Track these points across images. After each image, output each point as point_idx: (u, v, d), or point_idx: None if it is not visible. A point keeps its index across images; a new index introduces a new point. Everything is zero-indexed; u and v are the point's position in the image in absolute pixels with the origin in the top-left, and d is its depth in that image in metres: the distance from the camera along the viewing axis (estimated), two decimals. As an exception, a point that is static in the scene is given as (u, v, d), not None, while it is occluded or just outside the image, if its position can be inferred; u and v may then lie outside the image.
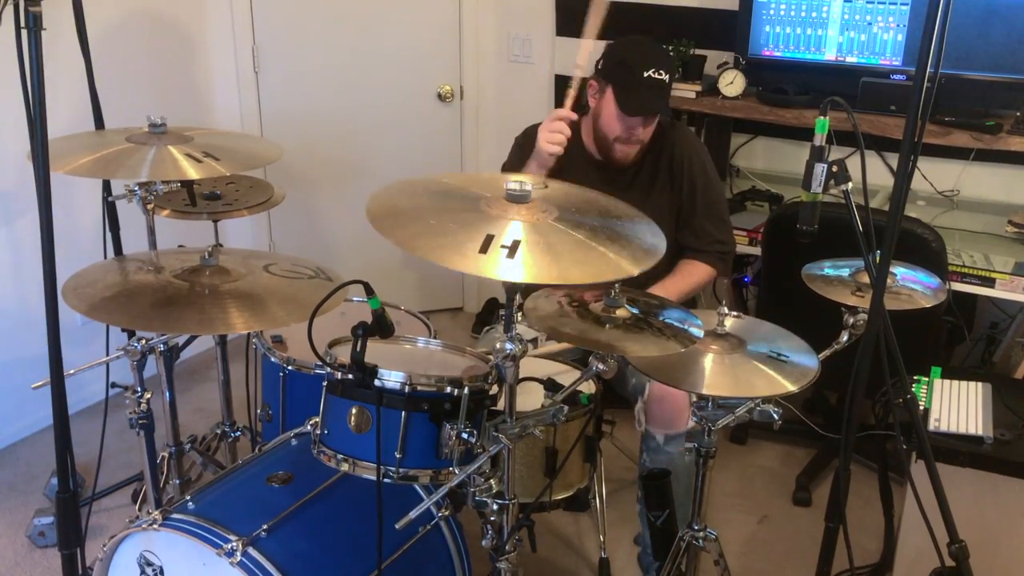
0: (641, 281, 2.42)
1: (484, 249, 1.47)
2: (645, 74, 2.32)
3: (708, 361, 1.76)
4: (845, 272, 2.04)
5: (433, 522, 2.00)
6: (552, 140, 2.33)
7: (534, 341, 2.22)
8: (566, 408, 1.78)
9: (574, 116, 2.35)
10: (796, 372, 1.73)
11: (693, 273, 2.52)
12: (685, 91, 3.31)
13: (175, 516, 1.78)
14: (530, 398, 1.93)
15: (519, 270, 1.46)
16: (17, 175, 2.99)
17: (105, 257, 2.35)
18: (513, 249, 1.48)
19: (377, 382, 1.60)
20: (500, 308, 2.51)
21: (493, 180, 1.71)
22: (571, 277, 1.51)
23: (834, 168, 1.70)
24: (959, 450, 2.16)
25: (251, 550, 1.71)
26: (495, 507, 1.73)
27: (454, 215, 1.58)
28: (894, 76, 3.07)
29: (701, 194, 2.52)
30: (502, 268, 1.45)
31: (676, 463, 2.23)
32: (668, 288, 2.44)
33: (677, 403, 2.19)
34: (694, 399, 2.09)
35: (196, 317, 1.73)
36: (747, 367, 1.75)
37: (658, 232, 1.69)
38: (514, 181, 1.60)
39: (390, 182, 1.69)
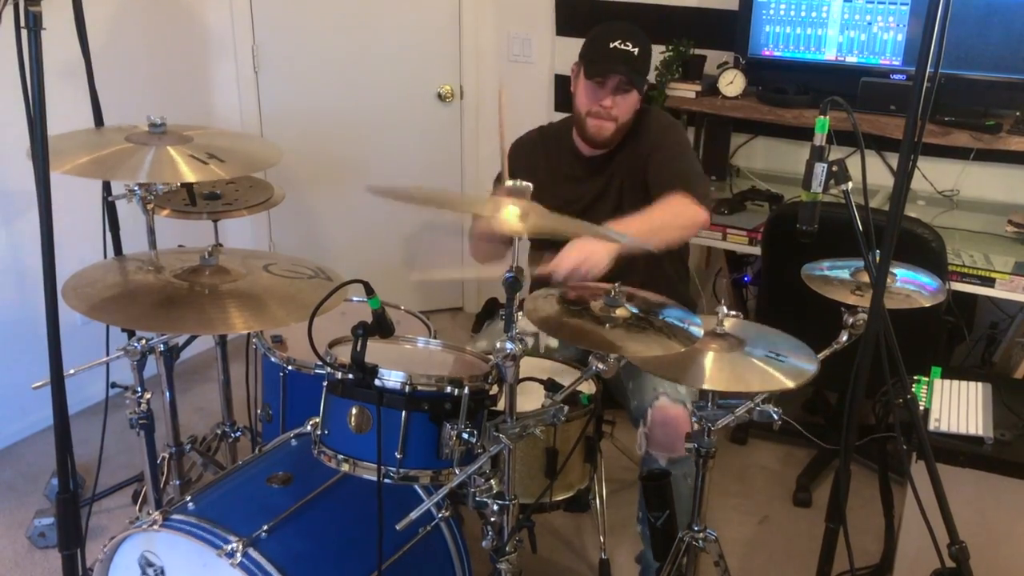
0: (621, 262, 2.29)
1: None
2: (612, 44, 2.33)
3: (708, 358, 1.76)
4: (845, 272, 2.04)
5: (433, 523, 2.00)
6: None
7: (535, 336, 2.21)
8: (566, 408, 1.78)
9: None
10: (795, 370, 1.73)
11: (674, 202, 2.23)
12: (685, 91, 3.31)
13: (175, 517, 1.78)
14: (530, 398, 1.93)
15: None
16: (17, 175, 2.98)
17: (105, 257, 2.34)
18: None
19: (377, 382, 1.60)
20: (500, 308, 2.51)
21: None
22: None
23: (834, 168, 1.70)
24: (959, 450, 2.16)
25: (251, 551, 1.71)
26: (495, 508, 1.73)
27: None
28: (894, 76, 3.07)
29: (665, 148, 2.39)
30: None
31: (679, 487, 2.17)
32: (648, 215, 2.20)
33: (680, 428, 2.17)
34: (695, 425, 2.08)
35: (196, 317, 1.72)
36: (746, 364, 1.75)
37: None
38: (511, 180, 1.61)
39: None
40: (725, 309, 1.86)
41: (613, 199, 2.45)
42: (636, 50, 2.33)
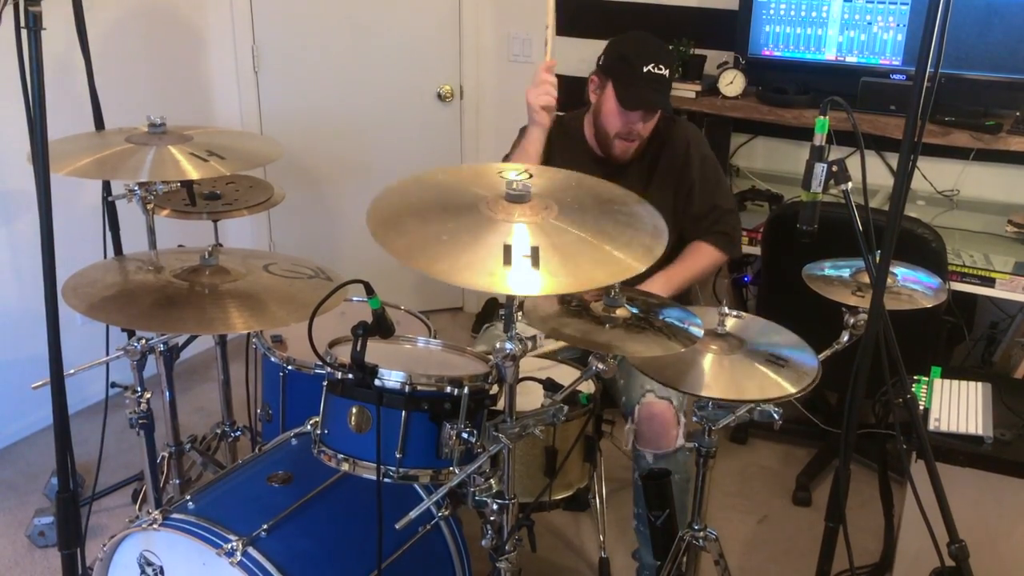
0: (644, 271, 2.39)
1: (507, 260, 1.44)
2: (645, 69, 2.31)
3: (707, 363, 1.76)
4: (845, 272, 2.04)
5: (433, 522, 2.00)
6: (540, 94, 2.38)
7: (533, 339, 2.22)
8: (566, 408, 1.78)
9: (554, 63, 2.36)
10: (796, 374, 1.73)
11: (699, 256, 2.50)
12: (685, 91, 3.31)
13: (175, 516, 1.79)
14: (530, 398, 1.93)
15: (549, 280, 1.43)
16: (17, 175, 2.98)
17: (105, 257, 2.35)
18: (535, 257, 1.45)
19: (377, 382, 1.60)
20: (500, 308, 2.51)
21: (485, 173, 1.69)
22: (597, 279, 1.48)
23: (834, 168, 1.70)
24: (959, 450, 2.16)
25: (251, 550, 1.71)
26: (495, 507, 1.73)
27: (462, 226, 1.53)
28: (894, 76, 3.07)
29: (702, 181, 2.51)
30: (532, 281, 1.42)
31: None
32: (673, 275, 2.43)
33: (665, 423, 2.18)
34: (682, 420, 2.09)
35: (196, 317, 1.72)
36: (746, 369, 1.75)
37: (654, 212, 1.67)
38: (513, 181, 1.60)
39: (382, 190, 1.67)
40: (726, 309, 1.86)
41: None
42: (667, 72, 2.33)
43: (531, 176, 1.64)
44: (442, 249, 1.49)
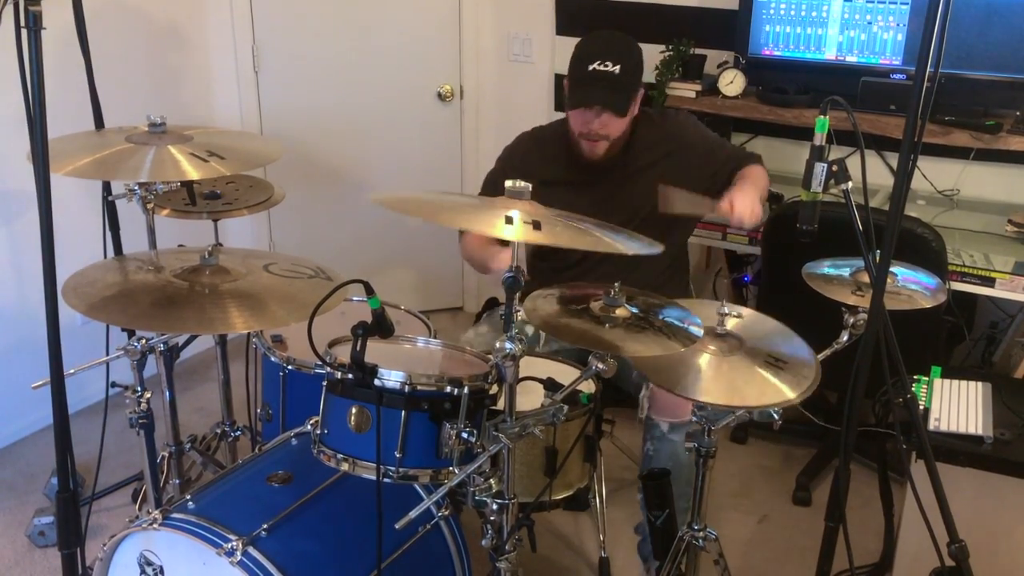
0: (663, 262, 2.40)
1: (510, 222, 1.53)
2: (591, 67, 2.29)
3: (706, 365, 1.75)
4: (845, 272, 2.04)
5: (433, 522, 2.00)
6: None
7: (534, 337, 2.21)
8: (566, 408, 1.78)
9: None
10: (795, 377, 1.72)
11: (755, 173, 2.51)
12: (685, 91, 3.31)
13: (175, 516, 1.79)
14: (530, 398, 1.93)
15: (552, 238, 1.56)
16: (17, 175, 2.99)
17: (105, 257, 2.35)
18: (537, 226, 1.54)
19: (377, 381, 1.60)
20: (500, 307, 2.51)
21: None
22: (600, 245, 1.60)
23: (834, 167, 1.70)
24: (959, 450, 2.16)
25: (251, 550, 1.71)
26: (495, 507, 1.73)
27: (464, 203, 1.60)
28: (894, 75, 3.07)
29: (715, 151, 2.56)
30: (536, 235, 1.53)
31: (679, 453, 2.23)
32: (750, 181, 2.43)
33: None
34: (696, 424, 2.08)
35: (196, 317, 1.72)
36: (745, 373, 1.73)
37: (647, 247, 1.72)
38: (512, 183, 1.62)
39: (387, 189, 1.71)
40: (726, 308, 1.86)
41: (625, 205, 2.43)
42: (618, 68, 2.28)
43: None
44: (445, 206, 1.53)
